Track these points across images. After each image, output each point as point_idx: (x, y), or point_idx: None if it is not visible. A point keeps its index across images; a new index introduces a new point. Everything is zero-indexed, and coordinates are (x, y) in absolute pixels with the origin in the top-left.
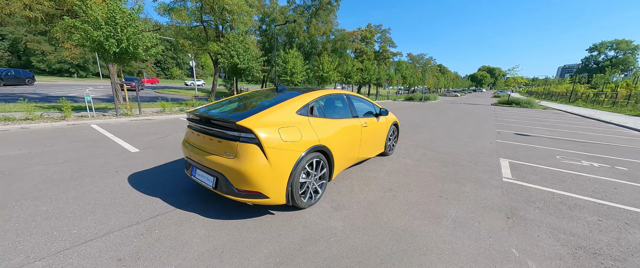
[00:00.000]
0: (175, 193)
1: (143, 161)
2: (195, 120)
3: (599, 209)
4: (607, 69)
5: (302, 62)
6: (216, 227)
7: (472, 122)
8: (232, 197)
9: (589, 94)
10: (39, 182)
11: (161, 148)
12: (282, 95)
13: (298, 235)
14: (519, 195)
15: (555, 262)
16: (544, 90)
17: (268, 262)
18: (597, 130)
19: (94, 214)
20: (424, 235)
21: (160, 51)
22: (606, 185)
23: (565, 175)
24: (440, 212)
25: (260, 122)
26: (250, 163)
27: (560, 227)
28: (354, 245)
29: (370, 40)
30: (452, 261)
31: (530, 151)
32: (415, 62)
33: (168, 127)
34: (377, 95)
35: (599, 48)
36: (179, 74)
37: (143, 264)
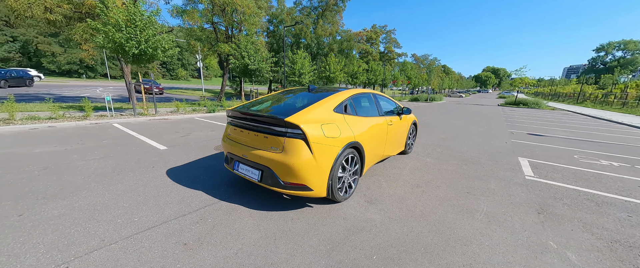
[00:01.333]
0: (215, 187)
1: (174, 158)
2: (237, 118)
3: (627, 206)
4: (615, 69)
5: (310, 63)
6: (262, 217)
7: (482, 122)
8: (277, 189)
9: (597, 94)
10: (86, 176)
11: (186, 146)
12: (317, 94)
13: (340, 225)
14: (544, 192)
15: (594, 254)
16: (550, 90)
17: (319, 249)
18: (610, 130)
19: (147, 205)
20: (461, 227)
21: (176, 53)
22: (630, 184)
23: (587, 173)
24: (471, 207)
25: (305, 119)
26: (296, 157)
27: (591, 222)
28: (396, 235)
29: (375, 41)
30: (494, 251)
31: (547, 151)
32: (419, 63)
33: (186, 126)
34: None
35: (606, 48)
36: (184, 74)
37: (206, 248)
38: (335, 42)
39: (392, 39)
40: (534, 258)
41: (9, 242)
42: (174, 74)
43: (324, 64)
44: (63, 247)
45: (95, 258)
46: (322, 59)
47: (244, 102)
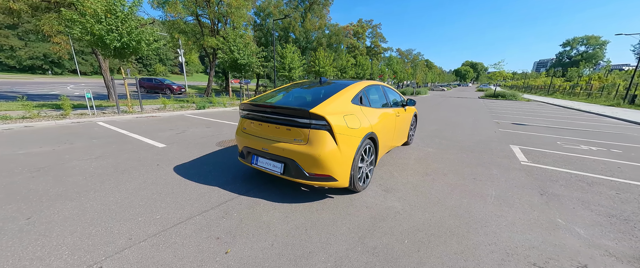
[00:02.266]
0: (229, 182)
1: (177, 155)
2: (256, 111)
3: (613, 185)
4: (581, 63)
5: (300, 57)
6: (287, 209)
7: (468, 114)
8: (301, 180)
9: (565, 86)
10: (88, 176)
11: (185, 143)
12: (330, 86)
13: (365, 214)
14: (541, 175)
15: (598, 228)
16: (524, 83)
17: (351, 236)
18: (581, 119)
19: (165, 202)
20: (477, 210)
21: (161, 46)
22: (610, 165)
23: (572, 157)
24: (481, 192)
25: (329, 110)
26: (321, 148)
27: (588, 200)
28: (420, 221)
29: (361, 35)
30: (512, 229)
31: (533, 138)
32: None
33: (178, 124)
34: None
35: (572, 43)
36: (162, 70)
37: (241, 241)
38: (324, 36)
39: (378, 33)
40: (549, 234)
41: (26, 245)
42: (151, 69)
43: (314, 58)
44: (88, 247)
45: (129, 257)
46: (312, 54)
47: (232, 98)
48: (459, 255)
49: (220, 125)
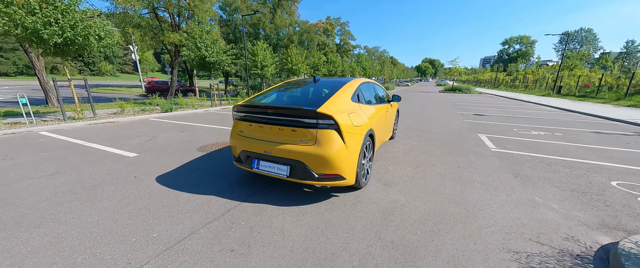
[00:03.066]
0: (226, 189)
1: (154, 164)
2: (255, 113)
3: (565, 163)
4: (518, 59)
5: (272, 55)
6: (296, 213)
7: (436, 107)
8: (309, 182)
9: (507, 80)
10: (49, 197)
11: (160, 150)
12: (326, 84)
13: (374, 209)
14: (510, 160)
15: (567, 202)
16: (474, 78)
17: (368, 233)
18: (525, 107)
19: (158, 217)
20: (470, 196)
21: (115, 41)
22: (558, 147)
23: (528, 142)
24: (468, 178)
25: (334, 109)
26: (330, 147)
27: (552, 179)
28: (425, 211)
29: (331, 33)
30: (504, 210)
31: (494, 127)
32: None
33: (145, 129)
34: None
35: (509, 42)
36: (109, 69)
37: (259, 250)
38: (295, 33)
39: (347, 31)
40: (532, 211)
41: None
42: (95, 68)
43: (286, 55)
44: None
45: None
46: (283, 51)
47: (202, 99)
48: (468, 239)
49: (194, 128)
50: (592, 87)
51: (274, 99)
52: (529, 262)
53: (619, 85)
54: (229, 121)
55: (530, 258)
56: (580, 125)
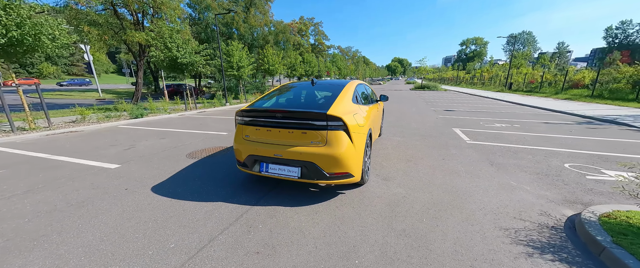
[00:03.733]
0: (232, 194)
1: (144, 175)
2: (263, 117)
3: (527, 151)
4: (475, 58)
5: (248, 55)
6: (309, 212)
7: (410, 104)
8: (320, 181)
9: (467, 78)
10: (32, 218)
11: (145, 159)
12: (329, 87)
13: (380, 203)
14: (484, 150)
15: (535, 183)
16: (438, 76)
17: (380, 224)
18: (485, 102)
19: (168, 228)
20: (459, 185)
21: (72, 41)
22: (519, 137)
23: (494, 133)
24: (454, 169)
25: (341, 111)
26: (340, 147)
27: (520, 165)
28: (426, 200)
29: (305, 33)
30: (489, 194)
31: (463, 121)
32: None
33: (117, 137)
34: None
35: (466, 43)
36: (53, 71)
37: (284, 250)
38: (271, 33)
39: (320, 31)
40: (511, 194)
41: None
42: (34, 70)
43: (262, 56)
44: None
45: None
46: (259, 51)
47: (176, 102)
48: (466, 222)
49: (176, 134)
50: (535, 83)
51: (279, 103)
52: (518, 236)
53: (556, 82)
54: (211, 125)
55: (518, 233)
56: (531, 116)
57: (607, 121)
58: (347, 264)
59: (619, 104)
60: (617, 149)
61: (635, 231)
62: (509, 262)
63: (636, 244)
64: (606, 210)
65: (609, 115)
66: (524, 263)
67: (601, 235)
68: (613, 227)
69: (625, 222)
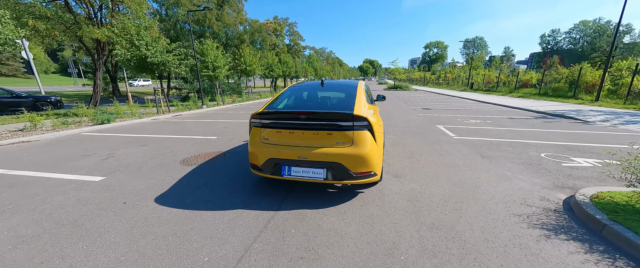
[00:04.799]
0: (248, 201)
1: (138, 186)
2: (285, 119)
3: (507, 143)
4: (438, 60)
5: (224, 55)
6: (337, 213)
7: (391, 103)
8: (346, 181)
9: (433, 78)
10: (19, 243)
11: (132, 169)
12: (340, 87)
13: (401, 199)
14: (471, 144)
15: (525, 173)
16: (407, 77)
17: (410, 219)
18: (454, 101)
19: (194, 241)
20: (463, 177)
21: (18, 36)
22: (494, 131)
23: (474, 129)
24: (453, 163)
25: (364, 111)
26: (365, 146)
27: (506, 157)
28: (440, 194)
29: (280, 33)
30: (492, 185)
31: (443, 118)
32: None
33: (87, 147)
34: None
35: (429, 46)
36: None
37: (327, 252)
38: (246, 32)
39: (295, 31)
40: (511, 183)
41: None
42: None
43: (238, 55)
44: None
45: None
46: (235, 51)
47: (147, 105)
48: (484, 212)
49: (158, 141)
50: (492, 83)
51: (297, 104)
52: (531, 221)
53: (509, 82)
54: (195, 130)
55: (530, 218)
56: (497, 113)
57: (557, 115)
58: (393, 261)
59: (561, 100)
60: (575, 139)
61: (623, 208)
62: (533, 244)
63: (629, 220)
64: (593, 192)
65: (557, 110)
66: (546, 244)
67: (599, 214)
68: (605, 206)
69: (611, 201)
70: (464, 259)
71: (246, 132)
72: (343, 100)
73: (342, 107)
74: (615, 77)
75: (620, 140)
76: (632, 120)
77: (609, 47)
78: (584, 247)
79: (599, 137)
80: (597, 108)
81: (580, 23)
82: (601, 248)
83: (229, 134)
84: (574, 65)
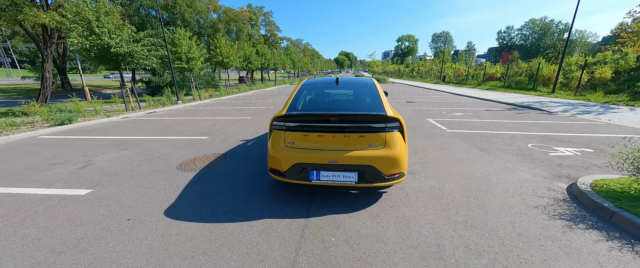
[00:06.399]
0: (271, 208)
1: (138, 198)
2: (313, 121)
3: (496, 135)
4: (411, 54)
5: (199, 46)
6: (369, 216)
7: None
8: (377, 184)
9: (407, 71)
10: (35, 263)
11: (123, 177)
12: (357, 86)
13: (425, 196)
14: (465, 137)
15: (525, 164)
16: (382, 70)
17: (443, 219)
18: (432, 94)
19: (232, 259)
20: (473, 171)
21: None
22: (480, 123)
23: (461, 121)
24: (457, 157)
25: (394, 111)
26: (397, 148)
27: (499, 149)
28: (458, 189)
29: (255, 22)
30: (501, 178)
31: (429, 112)
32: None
33: (52, 153)
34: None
35: (402, 39)
36: None
37: (378, 261)
38: (221, 21)
39: (271, 21)
40: (514, 175)
41: None
42: None
43: (213, 46)
44: None
45: None
46: (209, 41)
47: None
48: (506, 206)
49: (140, 143)
50: (462, 76)
51: (319, 105)
52: (549, 212)
53: (477, 75)
54: (178, 129)
55: (547, 209)
56: (473, 105)
57: (525, 107)
58: (446, 264)
59: (524, 93)
60: (549, 130)
61: (622, 195)
62: (561, 236)
63: (633, 206)
64: (589, 180)
65: (523, 102)
66: (572, 235)
67: (605, 202)
68: (608, 194)
69: (609, 188)
70: (508, 257)
71: (238, 130)
72: (368, 100)
73: (373, 108)
74: (566, 71)
75: (584, 129)
76: (585, 110)
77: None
78: (603, 235)
79: (566, 127)
80: (554, 99)
81: (530, 21)
82: (617, 235)
83: (220, 133)
84: (532, 60)
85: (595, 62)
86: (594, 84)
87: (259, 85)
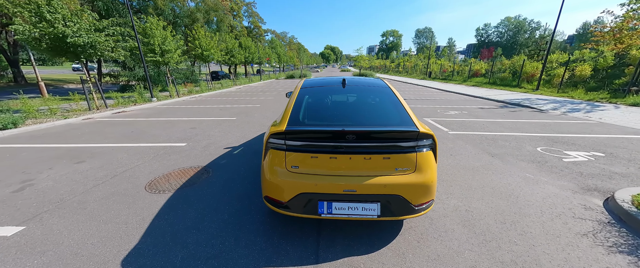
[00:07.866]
0: (271, 249)
1: (88, 239)
2: (324, 139)
3: (500, 137)
4: (396, 49)
5: (175, 37)
6: (395, 256)
7: None
8: (405, 217)
9: (392, 66)
10: None
11: (71, 205)
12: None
13: (453, 223)
14: (470, 140)
15: (544, 173)
16: (368, 65)
17: (482, 253)
18: (421, 90)
19: None
20: (492, 182)
21: None
22: (479, 123)
23: (460, 121)
24: (470, 165)
25: (422, 125)
26: (430, 171)
27: (510, 153)
28: (483, 207)
29: (237, 13)
30: (523, 191)
31: (424, 110)
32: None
33: None
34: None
35: (386, 34)
36: None
37: None
38: (199, 10)
39: (254, 12)
40: (537, 186)
41: None
42: None
43: (191, 38)
44: None
45: None
46: (187, 32)
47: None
48: (545, 227)
49: (101, 152)
50: (448, 72)
51: (325, 116)
52: (601, 240)
53: (462, 71)
54: (152, 133)
55: (597, 237)
56: (465, 102)
57: (516, 104)
58: None
59: (509, 89)
60: (549, 130)
61: None
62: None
63: None
64: (626, 196)
65: (512, 99)
66: (621, 260)
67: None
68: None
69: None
70: None
71: (222, 134)
72: (389, 109)
73: (399, 122)
74: (547, 68)
75: (581, 129)
76: (573, 108)
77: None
78: None
79: (562, 126)
80: (540, 96)
81: (505, 19)
82: None
83: (200, 138)
84: (514, 57)
85: (575, 60)
86: (575, 81)
87: (243, 80)
